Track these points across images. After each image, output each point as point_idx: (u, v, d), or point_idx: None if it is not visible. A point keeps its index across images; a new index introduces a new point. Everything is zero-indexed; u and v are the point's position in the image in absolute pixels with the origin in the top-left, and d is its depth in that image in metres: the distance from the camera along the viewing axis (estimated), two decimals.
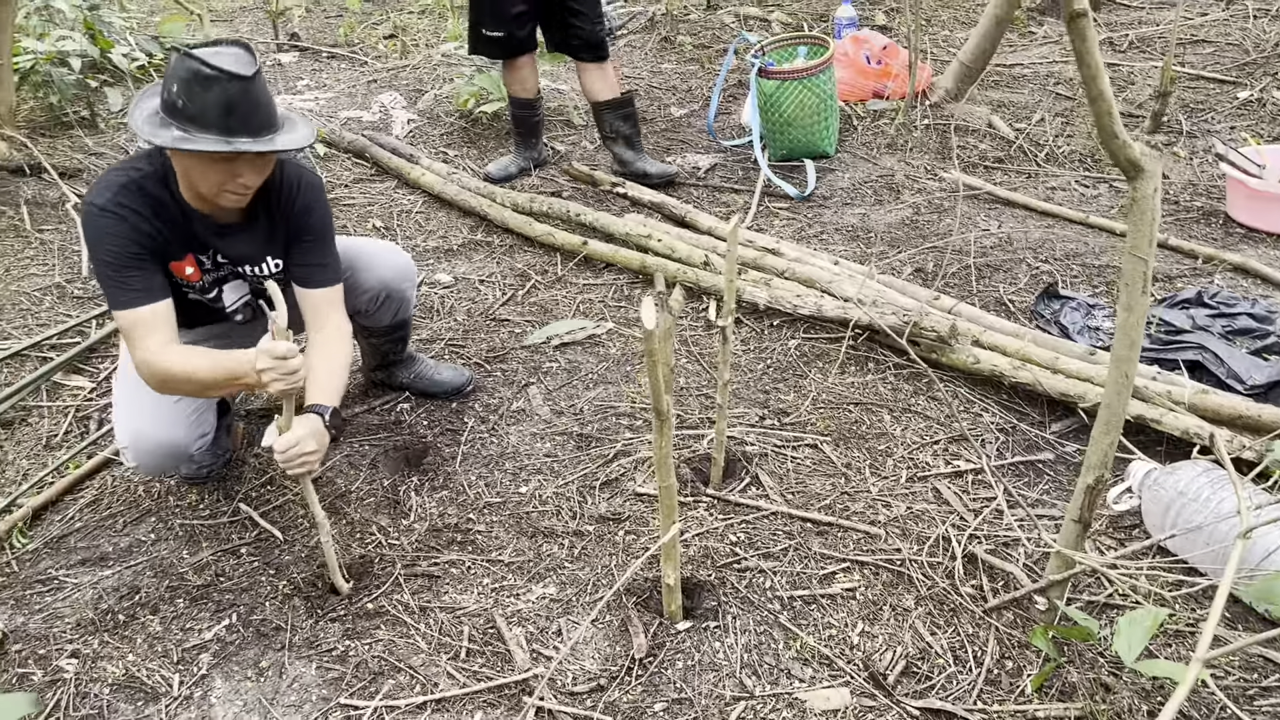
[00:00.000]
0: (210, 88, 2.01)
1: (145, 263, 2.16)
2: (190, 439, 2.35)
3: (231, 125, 2.04)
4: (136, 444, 2.31)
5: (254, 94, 2.06)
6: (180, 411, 2.34)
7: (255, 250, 2.36)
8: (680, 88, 5.57)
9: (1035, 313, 3.12)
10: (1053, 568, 1.94)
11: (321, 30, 7.08)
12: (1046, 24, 6.19)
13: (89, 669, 2.10)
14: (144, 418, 2.31)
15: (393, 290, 2.64)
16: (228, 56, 2.05)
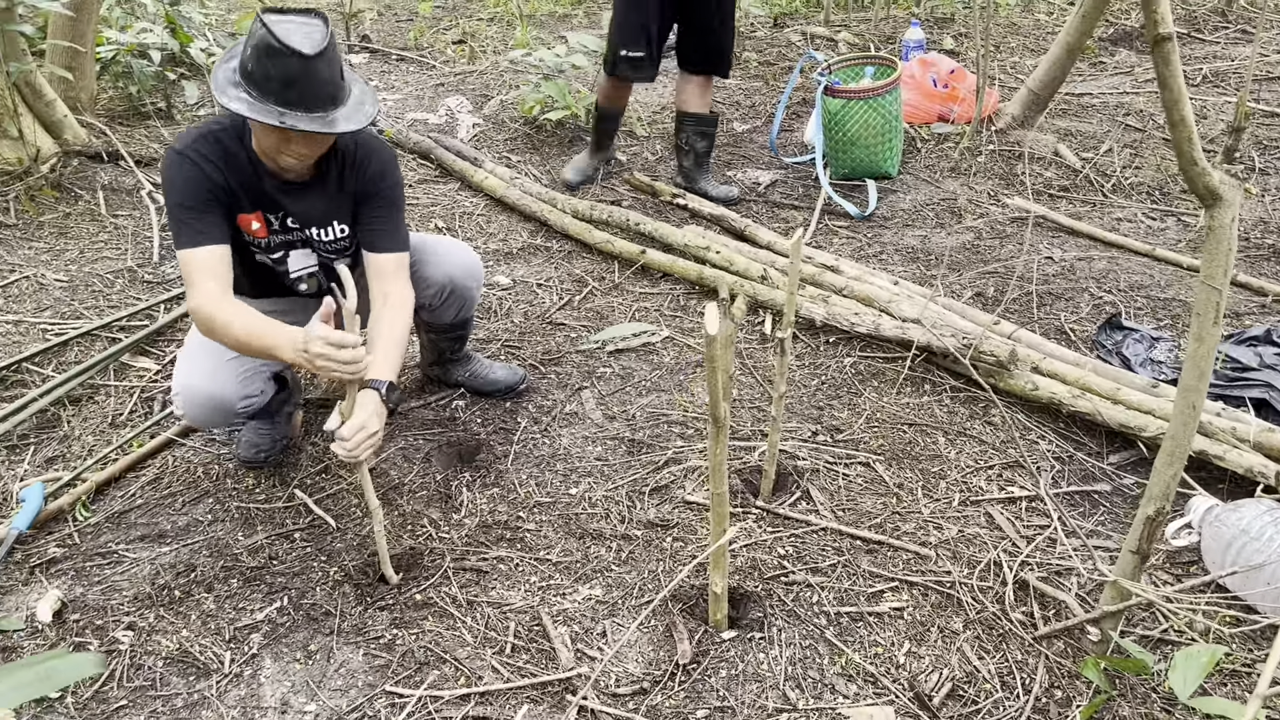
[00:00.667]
0: (274, 59, 2.07)
1: (211, 207, 2.24)
2: (235, 397, 2.40)
3: (289, 99, 2.10)
4: (185, 394, 2.38)
5: (315, 71, 2.10)
6: (231, 369, 2.40)
7: (321, 212, 2.41)
8: (744, 103, 5.59)
9: (1097, 343, 3.08)
10: (1107, 598, 1.91)
11: (392, 34, 7.20)
12: (1118, 54, 6.12)
13: (144, 642, 2.14)
14: (196, 371, 2.38)
15: (458, 286, 2.67)
16: (298, 31, 2.10)
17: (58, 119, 4.15)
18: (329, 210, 2.43)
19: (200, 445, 2.80)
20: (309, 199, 2.39)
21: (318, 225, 2.43)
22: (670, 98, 5.68)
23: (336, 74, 2.17)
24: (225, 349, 2.37)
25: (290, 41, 2.06)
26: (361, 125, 2.20)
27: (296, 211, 2.40)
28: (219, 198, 2.26)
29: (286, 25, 2.10)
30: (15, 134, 3.87)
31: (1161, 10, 1.46)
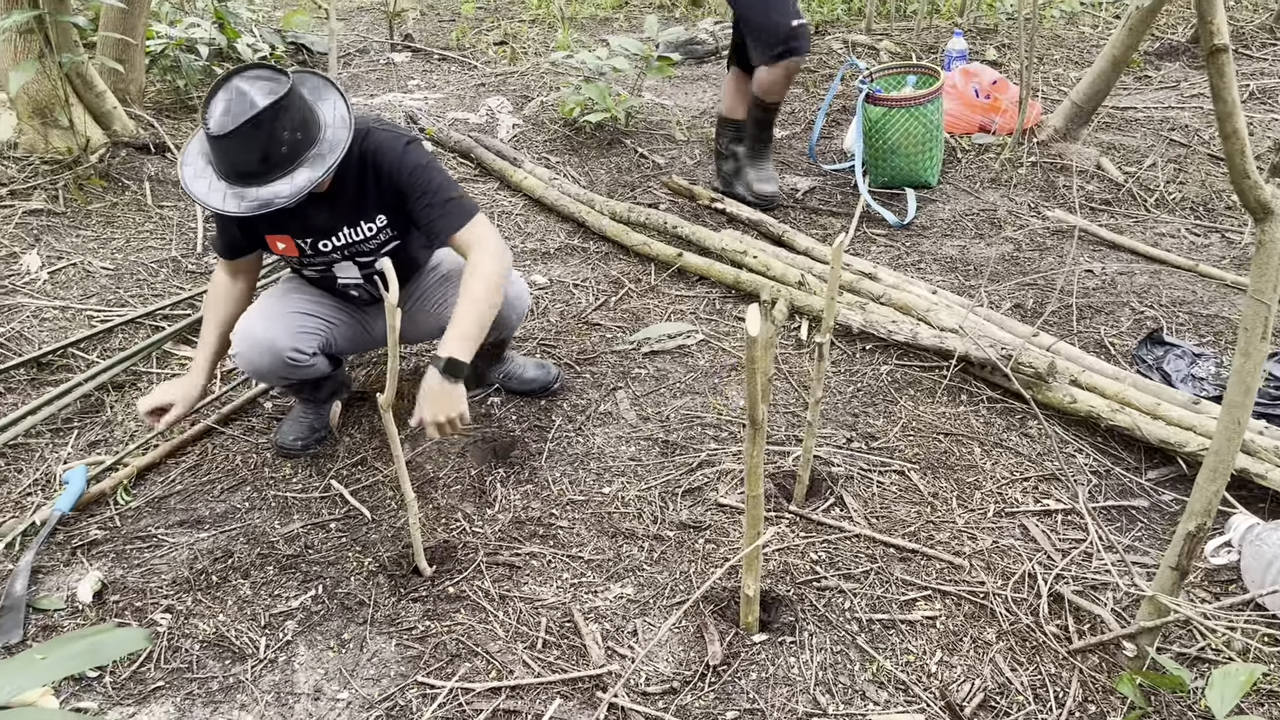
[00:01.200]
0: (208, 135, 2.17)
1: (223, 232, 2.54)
2: (286, 344, 2.47)
3: (220, 172, 2.23)
4: (240, 334, 2.48)
5: (224, 150, 2.18)
6: (288, 321, 2.52)
7: (342, 216, 2.46)
8: (783, 109, 5.57)
9: (1137, 357, 3.05)
10: (1144, 614, 1.90)
11: (435, 33, 7.27)
12: (1164, 68, 6.06)
13: (181, 625, 2.17)
14: (256, 317, 2.51)
15: (500, 319, 2.63)
16: (219, 104, 2.15)
17: (107, 110, 4.22)
18: (353, 212, 2.46)
19: (240, 434, 2.84)
20: (328, 210, 2.43)
21: (347, 226, 2.48)
22: (711, 103, 5.69)
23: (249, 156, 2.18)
24: (288, 305, 2.56)
25: (209, 114, 2.14)
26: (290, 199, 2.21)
27: (324, 224, 2.45)
28: (232, 221, 2.44)
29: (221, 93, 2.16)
30: (66, 124, 3.94)
31: (1217, 22, 1.45)
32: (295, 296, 2.62)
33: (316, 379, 2.67)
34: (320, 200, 2.40)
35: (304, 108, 2.24)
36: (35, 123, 3.97)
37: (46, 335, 3.20)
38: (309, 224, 2.45)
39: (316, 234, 2.47)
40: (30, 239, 3.66)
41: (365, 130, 2.41)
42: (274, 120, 2.15)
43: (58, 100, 3.91)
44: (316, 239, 2.48)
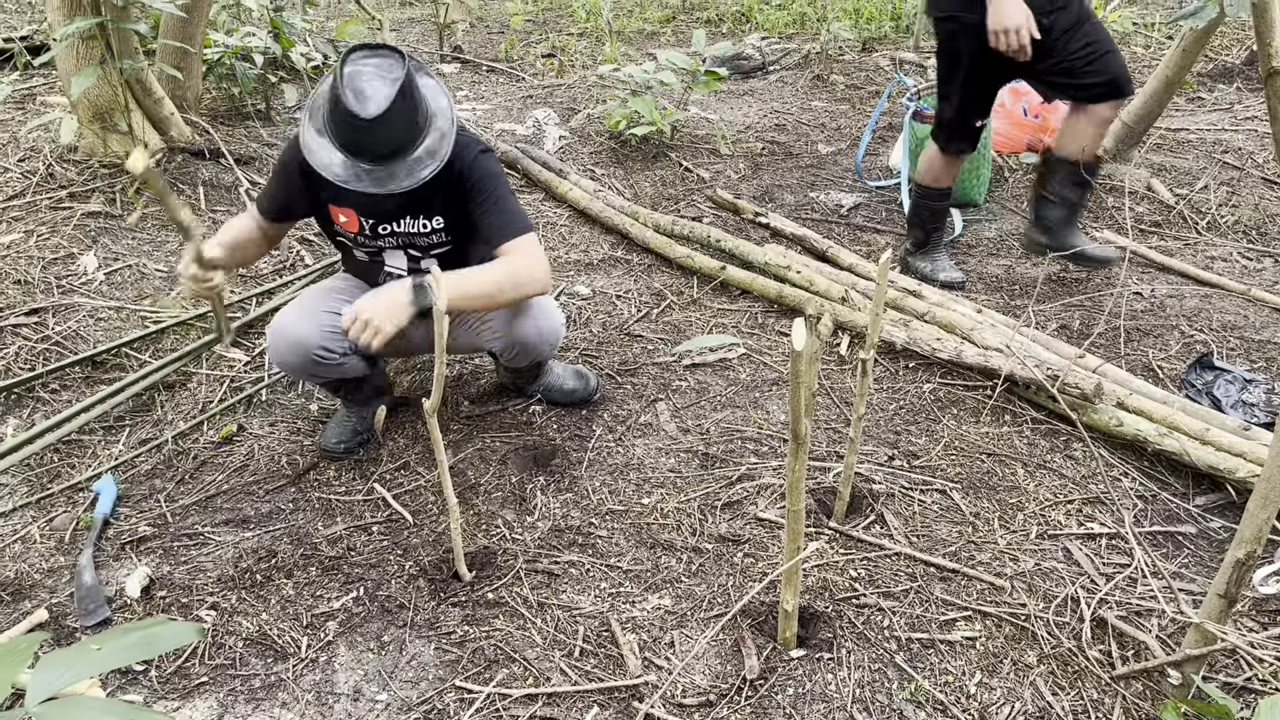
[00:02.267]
0: (338, 113, 2.22)
1: (285, 185, 2.53)
2: (315, 341, 2.51)
3: (353, 149, 2.28)
4: (274, 330, 2.53)
5: (376, 134, 2.23)
6: (320, 319, 2.54)
7: (406, 209, 2.51)
8: (829, 125, 5.58)
9: (1186, 382, 3.01)
10: (1191, 641, 1.87)
11: (483, 45, 7.35)
12: (1218, 90, 5.98)
13: (226, 622, 2.21)
14: (292, 314, 2.55)
15: (529, 348, 2.69)
16: (362, 84, 2.21)
17: (165, 116, 4.31)
18: (417, 204, 2.51)
19: (286, 435, 2.88)
20: (396, 197, 2.45)
21: (410, 216, 2.53)
22: (756, 117, 5.70)
23: (400, 128, 2.27)
24: (324, 303, 2.60)
25: (350, 103, 2.19)
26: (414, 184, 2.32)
27: (387, 211, 2.51)
28: (296, 185, 2.48)
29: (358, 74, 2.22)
30: (125, 129, 4.03)
31: (1276, 44, 1.44)
32: (334, 296, 2.65)
33: (355, 379, 2.71)
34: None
35: (418, 91, 2.33)
36: (95, 127, 4.07)
37: (101, 335, 3.27)
38: (376, 206, 2.49)
39: (380, 216, 2.52)
40: (88, 240, 3.75)
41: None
42: (407, 103, 2.25)
43: (117, 106, 4.00)
44: (379, 221, 2.53)
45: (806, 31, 7.64)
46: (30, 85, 5.19)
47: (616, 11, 8.32)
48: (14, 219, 3.81)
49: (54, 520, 2.54)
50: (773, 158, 5.14)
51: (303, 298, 2.65)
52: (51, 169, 4.09)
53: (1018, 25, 3.05)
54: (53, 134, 4.31)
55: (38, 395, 2.99)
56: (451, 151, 2.42)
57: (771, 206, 4.50)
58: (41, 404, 2.97)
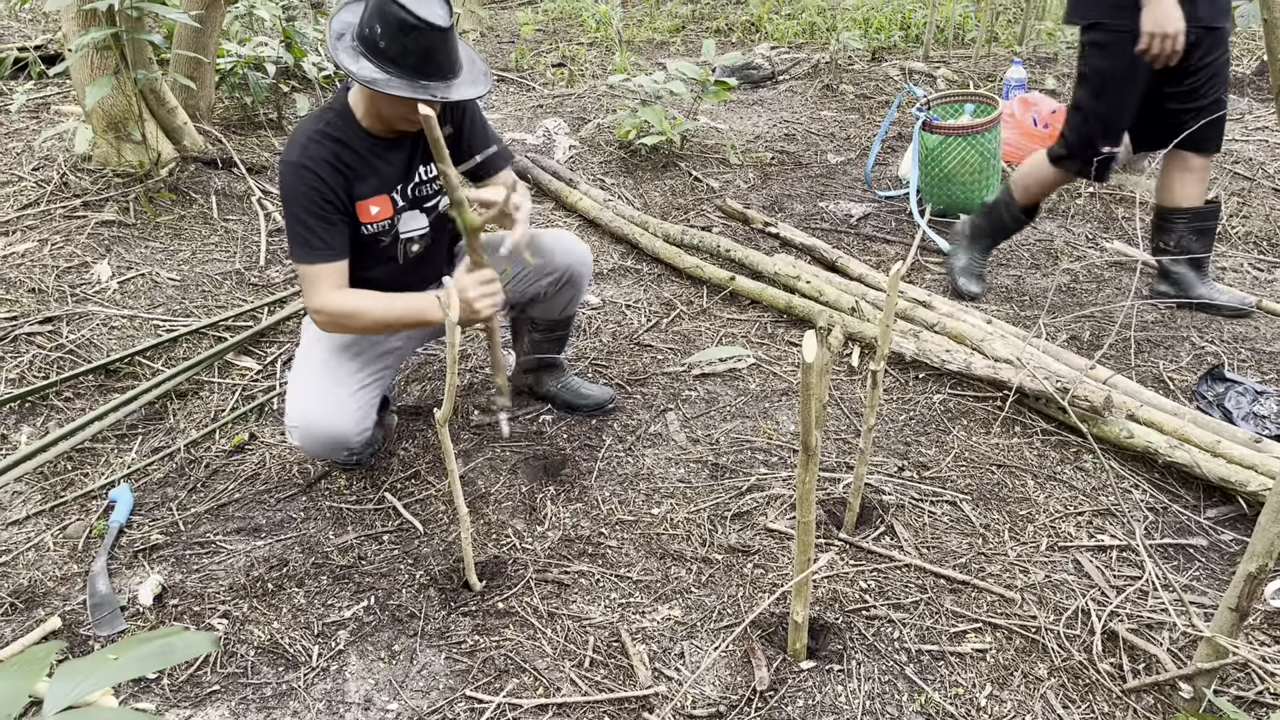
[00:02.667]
0: (410, 35, 2.18)
1: (331, 218, 2.34)
2: (354, 431, 2.49)
3: (426, 70, 2.23)
4: (305, 428, 2.46)
5: (449, 43, 2.24)
6: (350, 404, 2.49)
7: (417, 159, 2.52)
8: (839, 135, 5.59)
9: (1197, 394, 3.00)
10: (1202, 655, 1.86)
11: (494, 55, 7.38)
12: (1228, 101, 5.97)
13: (237, 630, 2.22)
14: (315, 404, 2.46)
15: (574, 275, 2.76)
16: (427, 4, 2.20)
17: (178, 125, 4.34)
18: (415, 153, 2.52)
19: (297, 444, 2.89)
20: (414, 145, 2.49)
21: (422, 165, 2.53)
22: (766, 127, 5.71)
23: (458, 44, 2.31)
24: (341, 379, 2.50)
25: (426, 16, 2.17)
26: (486, 89, 2.36)
27: (412, 166, 2.51)
28: (337, 203, 2.35)
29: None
30: (139, 138, 4.06)
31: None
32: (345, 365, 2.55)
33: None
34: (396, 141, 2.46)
35: None
36: (109, 136, 4.10)
37: (115, 343, 3.29)
38: (397, 169, 2.47)
39: (403, 178, 2.50)
40: (102, 249, 3.77)
41: None
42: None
43: (131, 115, 4.03)
44: (404, 185, 2.51)
45: (816, 41, 7.66)
46: (45, 95, 5.24)
47: (626, 21, 8.36)
48: (28, 228, 3.84)
49: (67, 528, 2.55)
50: (782, 167, 5.15)
51: (311, 377, 2.51)
52: (66, 178, 4.12)
53: (1176, 30, 2.96)
54: (67, 143, 4.34)
55: (51, 403, 3.01)
56: None
57: (781, 216, 4.51)
58: (55, 412, 2.99)
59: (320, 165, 2.32)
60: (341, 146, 2.36)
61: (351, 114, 2.39)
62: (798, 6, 8.48)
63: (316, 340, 2.59)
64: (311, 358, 2.56)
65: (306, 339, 2.63)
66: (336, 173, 2.34)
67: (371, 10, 2.21)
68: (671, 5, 9.11)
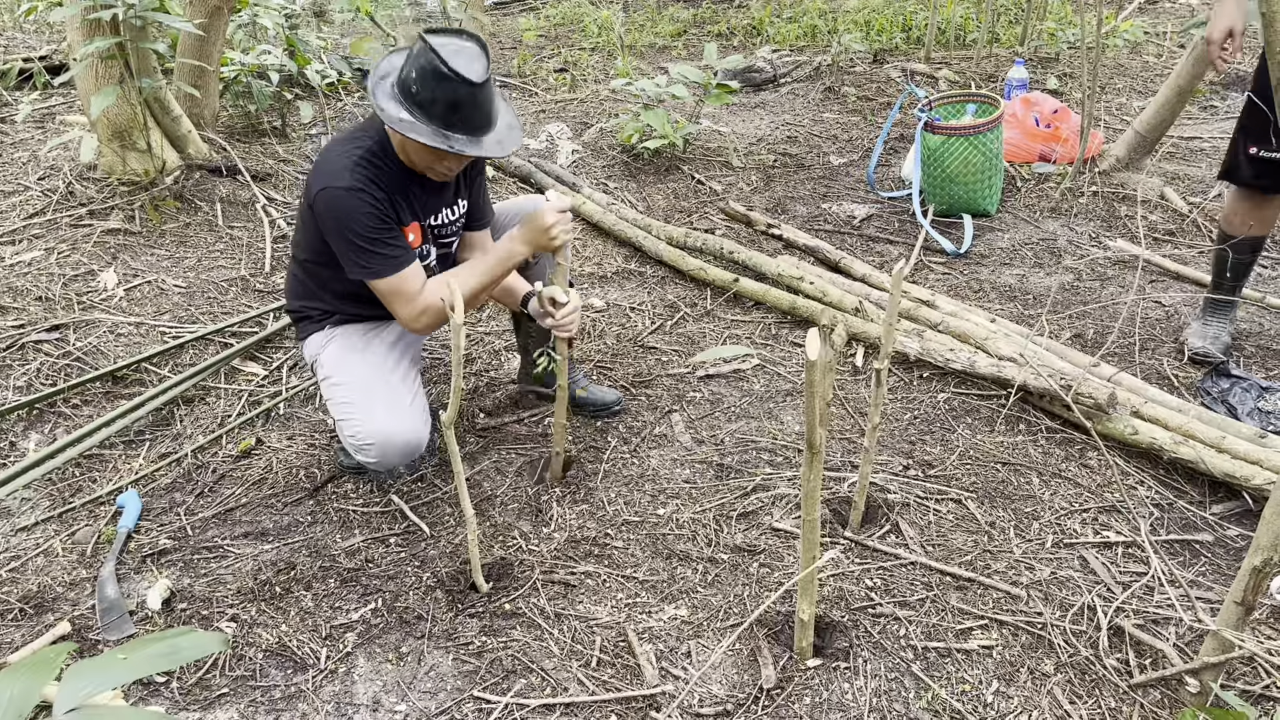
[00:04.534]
0: (442, 85, 2.20)
1: (392, 228, 2.39)
2: (427, 433, 2.57)
3: (453, 122, 2.25)
4: (384, 443, 2.48)
5: (481, 98, 2.25)
6: (416, 410, 2.56)
7: (443, 199, 2.57)
8: (841, 137, 5.60)
9: (1202, 390, 3.00)
10: (1208, 649, 1.87)
11: (496, 60, 7.39)
12: (1230, 98, 5.97)
13: (246, 634, 2.23)
14: (389, 419, 2.49)
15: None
16: (464, 57, 2.21)
17: (182, 134, 4.36)
18: (452, 192, 2.59)
19: (304, 449, 2.90)
20: (445, 191, 2.56)
21: (447, 206, 2.59)
22: (768, 129, 5.72)
23: (495, 98, 2.31)
24: (398, 389, 2.56)
25: (460, 69, 2.18)
26: (512, 150, 2.37)
27: (435, 207, 2.55)
28: (393, 219, 2.40)
29: (455, 48, 2.21)
30: (144, 147, 4.08)
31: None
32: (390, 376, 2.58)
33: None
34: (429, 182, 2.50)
35: None
36: (114, 145, 4.12)
37: (121, 350, 3.30)
38: (426, 205, 2.53)
39: (430, 213, 2.56)
40: (108, 257, 3.79)
41: None
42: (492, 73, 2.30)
43: (136, 124, 4.05)
44: (431, 218, 2.57)
45: (818, 44, 7.67)
46: (50, 104, 5.26)
47: (628, 26, 8.38)
48: (35, 236, 3.86)
49: (76, 534, 2.56)
50: (785, 170, 5.16)
51: (371, 394, 2.52)
52: (71, 187, 4.14)
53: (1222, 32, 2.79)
54: (73, 152, 4.36)
55: (59, 410, 3.02)
56: None
57: (784, 218, 4.51)
58: (63, 419, 3.00)
59: (371, 186, 2.35)
60: (381, 173, 2.39)
61: (389, 144, 2.41)
62: (799, 10, 8.50)
63: (349, 357, 2.59)
64: (355, 375, 2.55)
65: (334, 359, 2.59)
66: (384, 192, 2.38)
67: (414, 55, 2.26)
68: (673, 9, 9.13)
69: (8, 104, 5.21)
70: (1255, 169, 3.00)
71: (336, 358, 2.59)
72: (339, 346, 2.61)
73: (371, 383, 2.54)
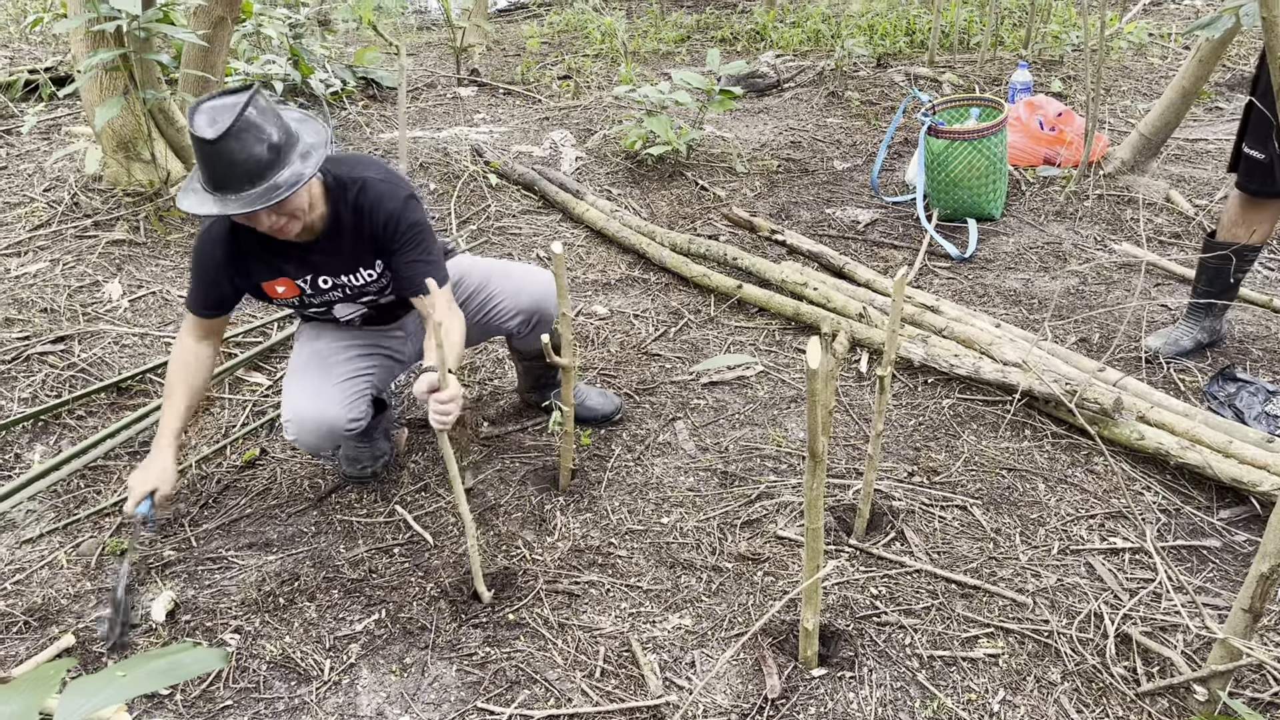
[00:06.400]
0: (197, 148, 2.14)
1: (212, 284, 2.45)
2: (342, 419, 2.50)
3: (217, 182, 2.15)
4: (296, 420, 2.50)
5: (227, 154, 2.11)
6: (338, 392, 2.51)
7: (346, 260, 2.44)
8: (845, 142, 5.59)
9: (1208, 394, 2.99)
10: (1216, 657, 1.85)
11: (500, 68, 7.41)
12: (1235, 100, 5.95)
13: (249, 645, 2.23)
14: (304, 397, 2.50)
15: (543, 312, 2.73)
16: (206, 114, 2.13)
17: (187, 144, 4.37)
18: (353, 257, 2.45)
19: (307, 459, 2.90)
20: (330, 251, 2.42)
21: (346, 272, 2.47)
22: (772, 135, 5.72)
23: (253, 149, 2.14)
24: (331, 373, 2.54)
25: (198, 128, 2.12)
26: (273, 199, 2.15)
27: (322, 265, 2.44)
28: (222, 277, 2.44)
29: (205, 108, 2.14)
30: (148, 157, 4.09)
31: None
32: (330, 359, 2.59)
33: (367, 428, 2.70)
34: (316, 245, 2.41)
35: (276, 111, 2.24)
36: (119, 156, 4.13)
37: (126, 361, 3.31)
38: (307, 263, 2.44)
39: (314, 270, 2.45)
40: (113, 268, 3.80)
41: (362, 181, 2.40)
42: (258, 116, 2.16)
43: (141, 135, 4.06)
44: (315, 275, 2.46)
45: (821, 49, 7.67)
46: (55, 116, 5.28)
47: (631, 33, 8.39)
48: (40, 248, 3.87)
49: (80, 545, 2.57)
50: (788, 175, 5.16)
51: (302, 373, 2.56)
52: (77, 198, 4.15)
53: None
54: (78, 164, 4.38)
55: (64, 421, 3.03)
56: (375, 199, 2.38)
57: (788, 224, 4.51)
58: (68, 430, 3.01)
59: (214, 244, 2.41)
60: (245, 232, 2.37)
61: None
62: (802, 15, 8.50)
63: (302, 343, 2.65)
64: (297, 358, 2.62)
65: (295, 345, 2.69)
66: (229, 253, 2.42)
67: None
68: (676, 15, 9.14)
69: (13, 115, 5.23)
70: (1246, 167, 3.00)
71: (296, 344, 2.68)
72: (301, 334, 2.69)
73: (307, 365, 2.57)
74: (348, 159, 2.49)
